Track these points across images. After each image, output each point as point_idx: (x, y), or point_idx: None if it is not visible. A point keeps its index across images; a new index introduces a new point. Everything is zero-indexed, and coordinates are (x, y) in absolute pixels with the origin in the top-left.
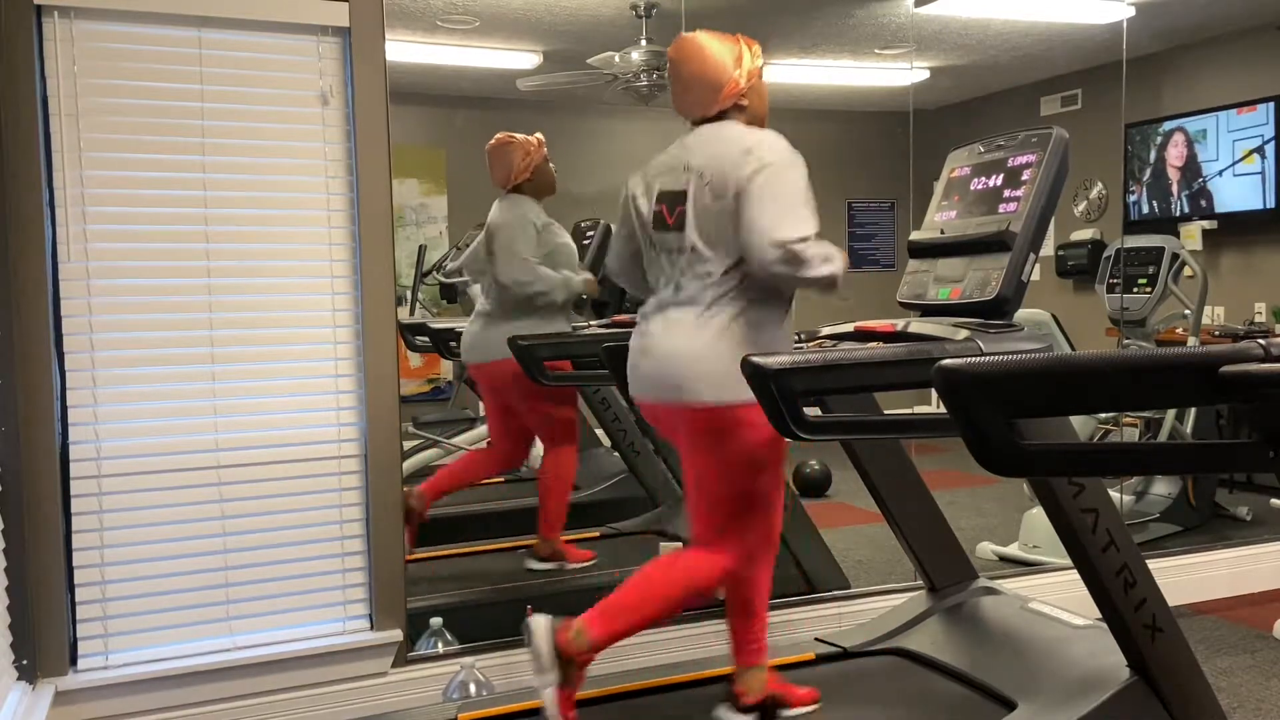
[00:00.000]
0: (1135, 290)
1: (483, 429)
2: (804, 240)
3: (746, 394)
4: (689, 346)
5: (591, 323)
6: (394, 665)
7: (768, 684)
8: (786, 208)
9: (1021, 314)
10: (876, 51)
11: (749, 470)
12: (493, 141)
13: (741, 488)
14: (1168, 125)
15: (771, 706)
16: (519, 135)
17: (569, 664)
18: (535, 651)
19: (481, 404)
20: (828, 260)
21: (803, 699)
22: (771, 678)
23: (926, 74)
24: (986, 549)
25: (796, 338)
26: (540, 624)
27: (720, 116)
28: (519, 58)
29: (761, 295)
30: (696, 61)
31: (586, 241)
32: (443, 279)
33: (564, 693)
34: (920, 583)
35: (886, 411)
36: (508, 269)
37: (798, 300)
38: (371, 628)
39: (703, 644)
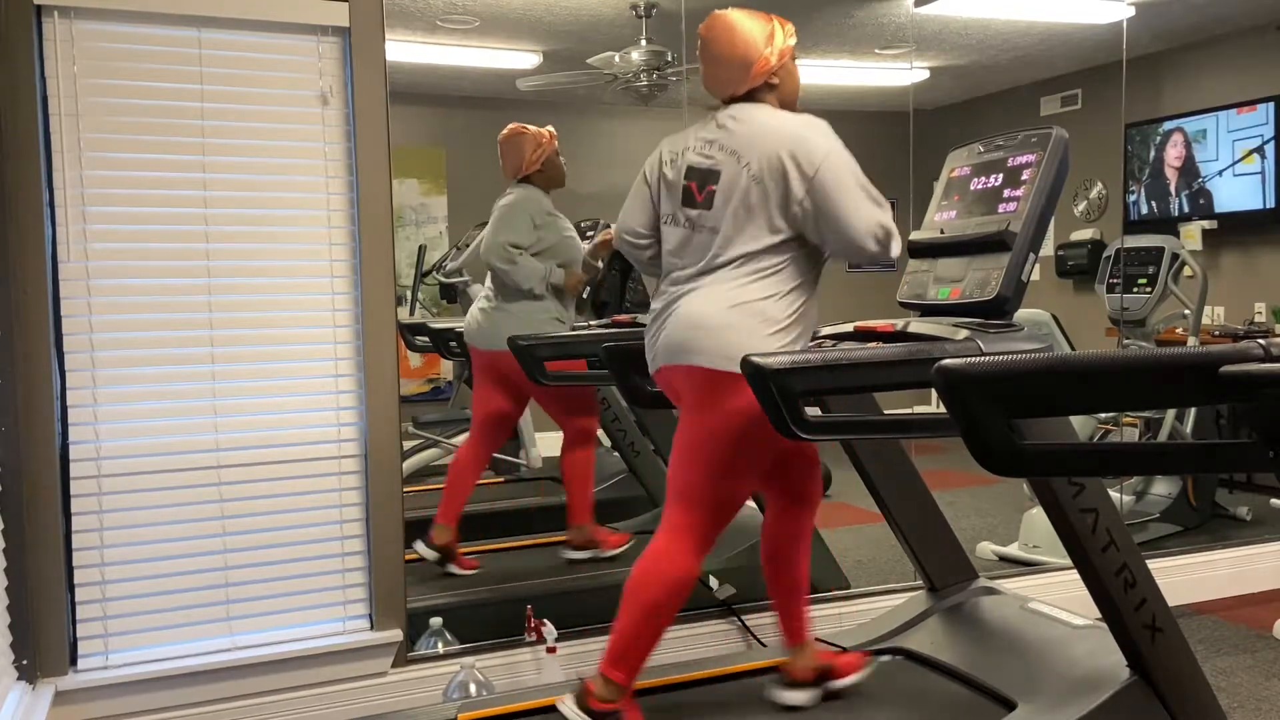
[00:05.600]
0: (1135, 290)
1: None
2: (888, 221)
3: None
4: (714, 317)
5: (591, 323)
6: (394, 665)
7: (816, 656)
8: (864, 193)
9: (1021, 314)
10: (876, 51)
11: (735, 440)
12: (505, 132)
13: (725, 457)
14: (1167, 125)
15: (821, 679)
16: (531, 127)
17: (616, 715)
18: None
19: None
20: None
21: (852, 666)
22: (819, 651)
23: (926, 74)
24: (986, 549)
25: None
26: (567, 706)
27: (750, 95)
28: (519, 58)
29: (791, 277)
30: (727, 39)
31: (586, 241)
32: (443, 279)
33: None
34: (920, 583)
35: (886, 411)
36: (488, 251)
37: None
38: (371, 628)
39: (702, 644)
